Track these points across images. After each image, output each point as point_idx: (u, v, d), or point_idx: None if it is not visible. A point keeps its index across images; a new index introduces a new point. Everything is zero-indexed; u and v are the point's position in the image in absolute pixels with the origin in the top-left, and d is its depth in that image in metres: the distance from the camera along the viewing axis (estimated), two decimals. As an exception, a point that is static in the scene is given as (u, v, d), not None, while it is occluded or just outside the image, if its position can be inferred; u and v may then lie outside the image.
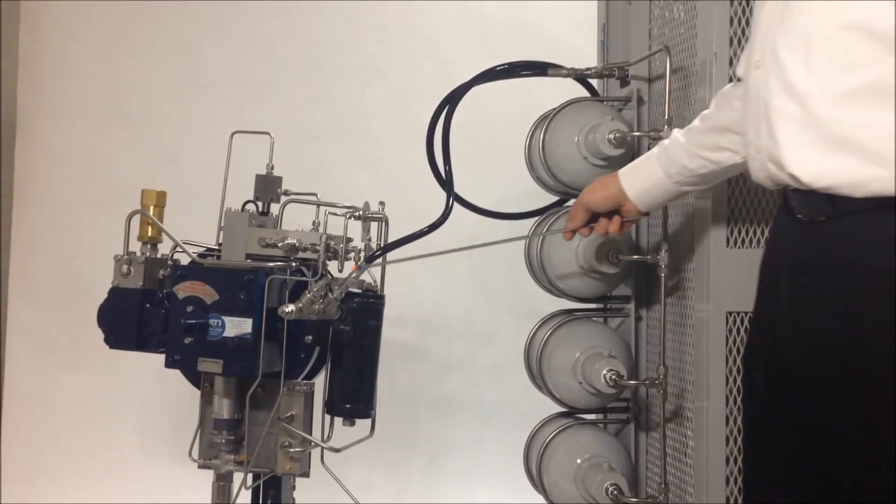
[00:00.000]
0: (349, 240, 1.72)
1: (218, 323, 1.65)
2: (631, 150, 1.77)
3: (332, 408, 1.72)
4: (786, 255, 1.17)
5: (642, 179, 1.45)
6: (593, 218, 1.51)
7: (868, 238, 1.04)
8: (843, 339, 1.05)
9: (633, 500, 1.66)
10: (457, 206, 1.71)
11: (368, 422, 1.74)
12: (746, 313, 1.52)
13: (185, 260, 1.75)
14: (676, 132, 1.42)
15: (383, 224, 1.73)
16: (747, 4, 1.53)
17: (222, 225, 1.75)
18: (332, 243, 1.70)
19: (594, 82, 1.91)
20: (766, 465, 1.22)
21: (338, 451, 1.70)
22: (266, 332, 1.65)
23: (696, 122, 1.39)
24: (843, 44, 1.04)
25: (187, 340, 1.65)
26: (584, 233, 1.53)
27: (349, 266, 1.70)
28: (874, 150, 1.02)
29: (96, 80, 2.88)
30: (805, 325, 1.11)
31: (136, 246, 1.76)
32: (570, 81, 1.88)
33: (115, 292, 1.74)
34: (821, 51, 1.06)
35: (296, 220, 1.76)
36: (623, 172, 1.48)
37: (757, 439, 1.25)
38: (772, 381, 1.19)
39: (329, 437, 1.73)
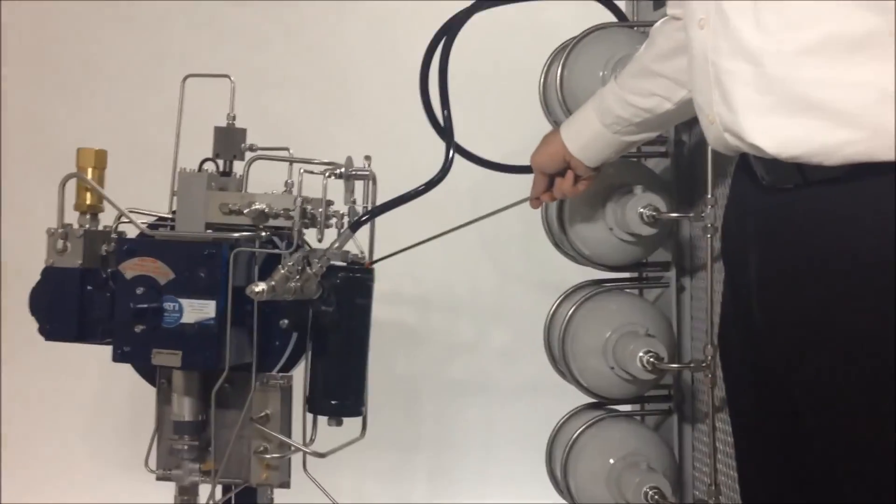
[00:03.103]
0: (329, 203, 1.72)
1: (174, 307, 1.66)
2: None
3: (314, 405, 1.74)
4: (751, 224, 1.22)
5: (582, 132, 1.56)
6: (552, 181, 1.63)
7: (842, 210, 1.08)
8: (818, 317, 1.11)
9: (678, 505, 1.68)
10: (459, 160, 1.73)
11: (359, 420, 1.76)
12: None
13: (132, 232, 1.75)
14: (614, 77, 1.53)
15: (370, 183, 1.74)
16: None
17: (176, 189, 1.75)
18: (309, 207, 1.70)
19: (622, 3, 1.93)
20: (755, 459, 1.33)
21: (323, 455, 1.71)
22: (233, 317, 1.66)
23: (628, 65, 1.51)
24: None
25: (138, 329, 1.66)
26: (545, 198, 1.67)
27: (330, 236, 1.71)
28: (843, 111, 1.04)
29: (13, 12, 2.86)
30: (777, 307, 1.16)
31: (73, 217, 1.75)
32: (594, 5, 1.89)
33: (49, 273, 1.73)
34: (770, 6, 1.09)
35: (264, 181, 1.77)
36: (564, 126, 1.59)
37: (742, 429, 1.35)
38: (747, 362, 1.28)
39: (312, 440, 1.74)
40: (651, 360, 1.69)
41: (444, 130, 1.72)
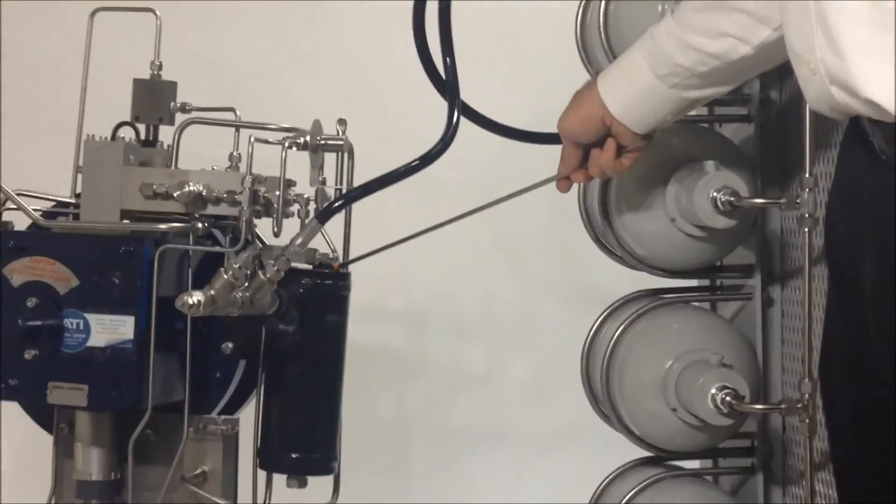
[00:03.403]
0: (290, 183, 1.73)
1: (78, 325, 1.66)
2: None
3: (269, 459, 1.74)
4: (867, 218, 1.23)
5: (627, 87, 1.57)
6: (587, 154, 1.64)
7: None
8: None
9: None
10: (467, 126, 1.71)
11: (330, 479, 1.77)
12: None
13: (22, 223, 1.75)
14: (670, 11, 1.55)
15: (345, 156, 1.75)
16: None
17: (81, 164, 1.75)
18: (263, 190, 1.69)
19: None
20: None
21: (281, 528, 1.71)
22: (158, 339, 1.67)
23: None
24: None
25: (29, 354, 1.66)
26: (578, 178, 1.67)
27: (291, 228, 1.68)
28: None
29: None
30: None
31: (-59, 203, 1.75)
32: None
33: None
34: None
35: (203, 154, 1.78)
36: (602, 78, 1.61)
37: (852, 494, 1.36)
38: (860, 402, 1.29)
39: (266, 507, 1.75)
40: (727, 399, 1.69)
41: (446, 84, 1.69)
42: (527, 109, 2.04)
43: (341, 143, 1.74)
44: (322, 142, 1.72)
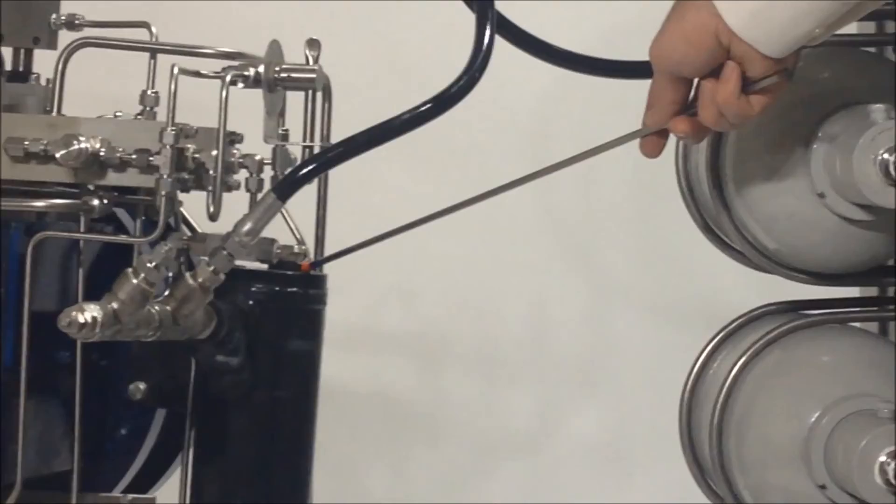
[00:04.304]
0: (235, 138, 1.76)
1: None
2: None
3: None
4: None
5: None
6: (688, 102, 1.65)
7: None
8: None
9: None
10: (506, 53, 1.70)
11: None
12: None
13: None
14: None
15: (317, 96, 1.78)
16: None
17: None
18: (192, 148, 1.71)
19: None
20: None
21: None
22: (33, 376, 1.68)
23: None
24: None
25: None
26: (680, 129, 1.64)
27: (235, 207, 1.69)
28: None
29: None
30: None
31: None
32: None
33: None
34: None
35: (101, 94, 1.86)
36: None
37: None
38: None
39: None
40: (905, 469, 1.75)
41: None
42: (591, 27, 2.00)
43: (312, 75, 1.74)
44: (282, 74, 1.73)
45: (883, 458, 1.67)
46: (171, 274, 1.61)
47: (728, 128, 1.67)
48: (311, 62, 1.75)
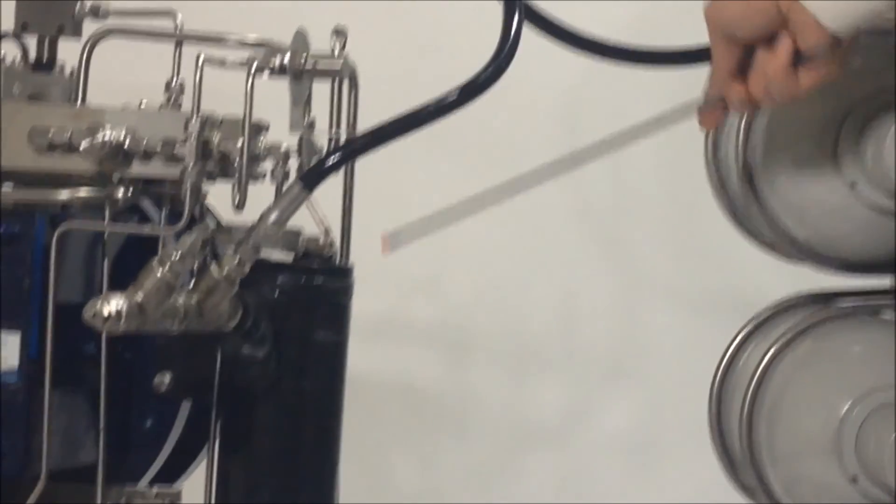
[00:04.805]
0: (260, 128, 1.76)
1: None
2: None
3: None
4: None
5: None
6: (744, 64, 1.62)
7: None
8: None
9: None
10: (534, 42, 1.69)
11: None
12: None
13: None
14: None
15: (344, 85, 1.78)
16: None
17: None
18: (218, 138, 1.71)
19: None
20: None
21: None
22: (58, 369, 1.68)
23: None
24: None
25: None
26: (733, 94, 1.62)
27: (260, 198, 1.69)
28: None
29: None
30: None
31: None
32: None
33: None
34: None
35: (128, 85, 1.81)
36: None
37: None
38: None
39: None
40: (939, 463, 1.69)
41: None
42: (619, 14, 1.99)
43: (339, 64, 1.74)
44: (309, 63, 1.74)
45: (918, 452, 1.69)
46: (196, 266, 1.62)
47: (771, 104, 1.65)
48: (337, 51, 1.75)
